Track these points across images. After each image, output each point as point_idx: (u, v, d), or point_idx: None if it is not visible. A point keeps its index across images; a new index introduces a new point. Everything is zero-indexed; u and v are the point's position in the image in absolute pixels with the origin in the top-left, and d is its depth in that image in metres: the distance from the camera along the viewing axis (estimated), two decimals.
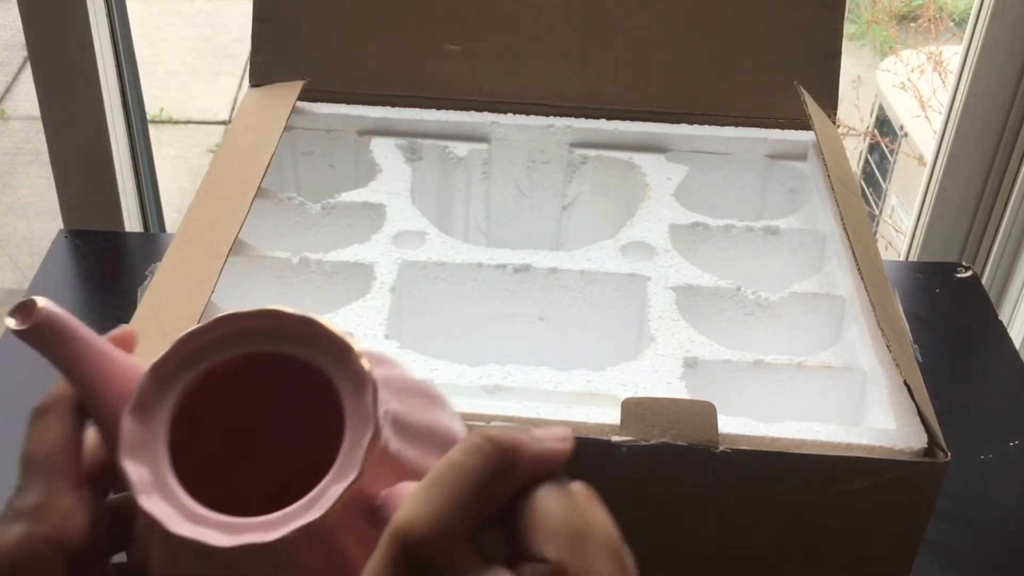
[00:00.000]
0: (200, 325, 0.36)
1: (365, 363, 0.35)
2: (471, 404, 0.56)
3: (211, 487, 0.35)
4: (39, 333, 0.37)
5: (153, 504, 0.34)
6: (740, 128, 0.83)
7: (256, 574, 0.34)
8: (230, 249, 0.64)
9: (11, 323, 0.36)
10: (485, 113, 0.83)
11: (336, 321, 0.65)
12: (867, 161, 2.90)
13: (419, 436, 0.37)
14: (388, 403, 0.35)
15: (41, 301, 0.37)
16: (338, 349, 0.35)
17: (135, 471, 0.34)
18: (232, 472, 0.40)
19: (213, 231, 0.65)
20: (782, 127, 0.83)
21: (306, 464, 0.37)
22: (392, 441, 0.35)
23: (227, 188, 0.70)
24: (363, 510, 0.34)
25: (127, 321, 0.58)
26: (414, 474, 0.35)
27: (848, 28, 2.07)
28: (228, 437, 0.40)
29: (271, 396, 0.39)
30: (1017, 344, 0.95)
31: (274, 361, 0.36)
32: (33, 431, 0.37)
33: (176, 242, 0.64)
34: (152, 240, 1.05)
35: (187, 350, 0.36)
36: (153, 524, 0.33)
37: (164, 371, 0.36)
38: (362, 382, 0.35)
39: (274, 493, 0.36)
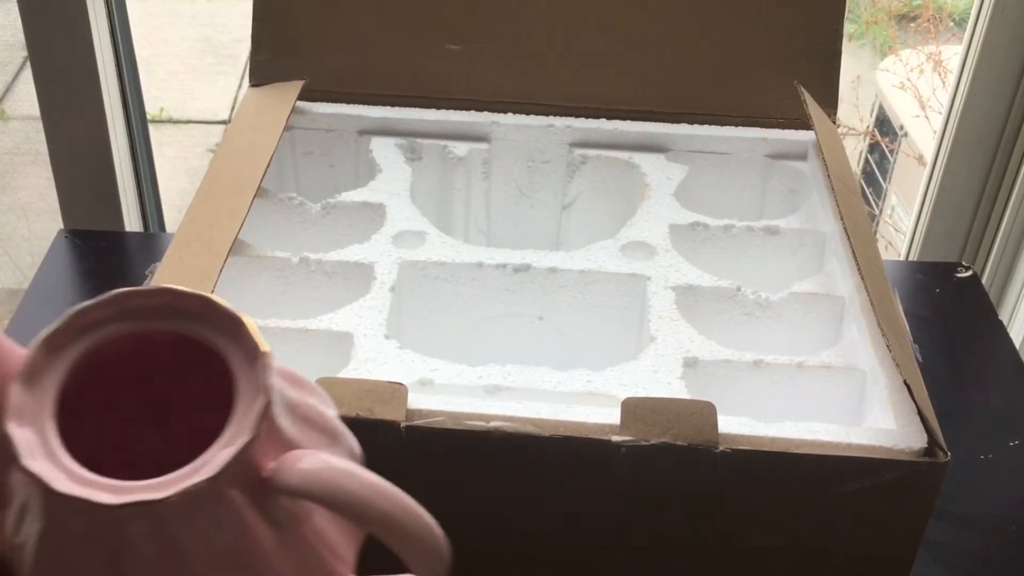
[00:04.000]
0: (94, 300, 0.36)
1: (257, 336, 0.35)
2: (471, 404, 0.56)
3: (108, 460, 0.35)
4: None
5: (38, 465, 0.32)
6: (740, 128, 0.83)
7: (142, 536, 0.33)
8: (230, 249, 0.64)
9: None
10: (485, 113, 0.83)
11: (336, 321, 0.65)
12: (867, 161, 2.90)
13: (305, 419, 0.37)
14: (278, 383, 0.36)
15: None
16: (230, 325, 0.36)
17: (20, 434, 0.33)
18: (132, 446, 0.40)
19: (213, 231, 0.65)
20: (782, 127, 0.83)
21: (204, 438, 0.36)
22: (282, 418, 0.35)
23: (227, 188, 0.70)
24: (252, 479, 0.34)
25: None
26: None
27: (848, 28, 2.07)
28: (126, 412, 0.39)
29: (170, 373, 0.39)
30: (1017, 344, 0.95)
31: (171, 338, 0.36)
32: None
33: (176, 242, 0.64)
34: (152, 240, 1.05)
35: (79, 323, 0.36)
36: (37, 486, 0.32)
37: (55, 343, 0.35)
38: (254, 354, 0.35)
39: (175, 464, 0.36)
